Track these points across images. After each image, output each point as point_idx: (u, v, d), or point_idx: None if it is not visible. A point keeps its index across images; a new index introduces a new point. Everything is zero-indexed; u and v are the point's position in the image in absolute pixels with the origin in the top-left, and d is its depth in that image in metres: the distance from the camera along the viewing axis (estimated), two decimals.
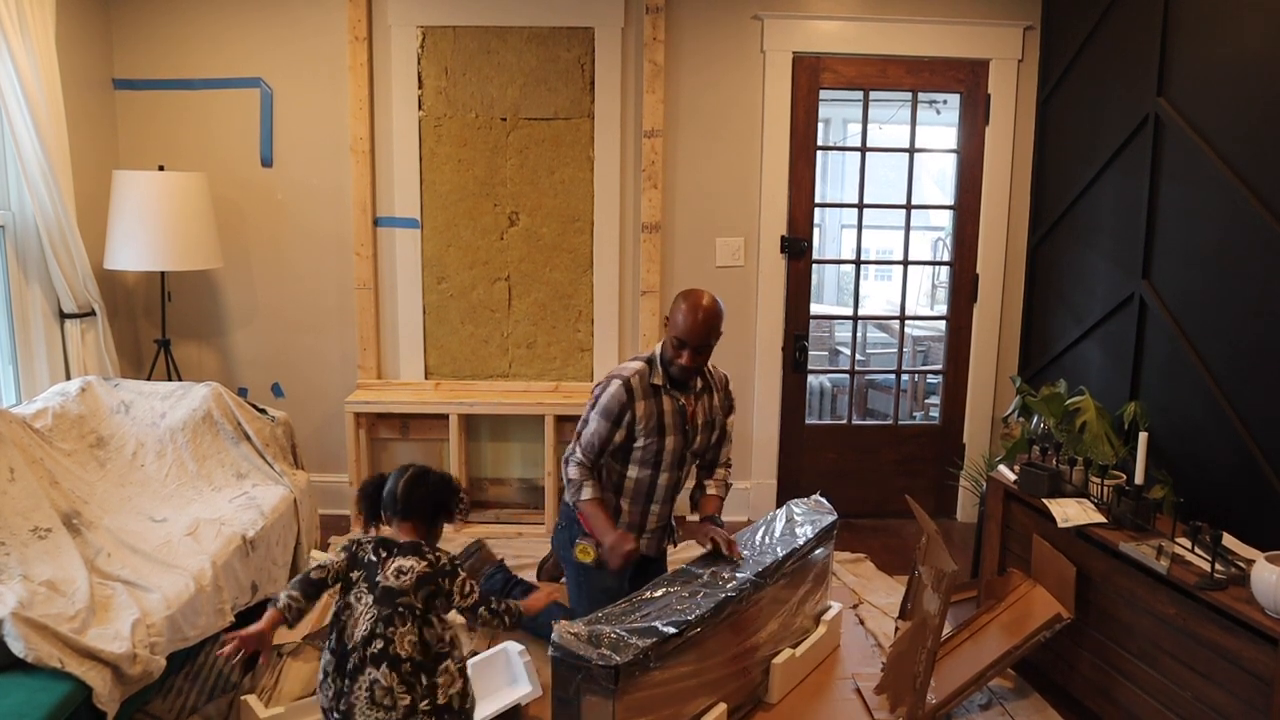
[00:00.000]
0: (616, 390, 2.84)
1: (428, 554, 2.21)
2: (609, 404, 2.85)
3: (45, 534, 2.72)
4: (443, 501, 2.30)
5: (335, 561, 2.24)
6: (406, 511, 2.25)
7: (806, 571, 3.05)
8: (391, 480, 2.29)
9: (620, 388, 2.84)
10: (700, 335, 2.80)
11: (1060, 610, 2.85)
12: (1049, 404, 3.36)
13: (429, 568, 2.18)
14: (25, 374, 3.64)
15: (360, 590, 2.17)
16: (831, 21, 4.26)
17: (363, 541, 2.26)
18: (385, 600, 2.13)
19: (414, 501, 2.26)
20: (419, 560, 2.19)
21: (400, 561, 2.18)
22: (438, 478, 2.31)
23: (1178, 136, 3.24)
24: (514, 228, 4.35)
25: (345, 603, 2.19)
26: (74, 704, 2.19)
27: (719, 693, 2.70)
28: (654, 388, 2.88)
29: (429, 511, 2.28)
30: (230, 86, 4.25)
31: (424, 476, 2.29)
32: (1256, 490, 2.84)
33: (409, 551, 2.21)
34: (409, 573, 2.16)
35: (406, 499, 2.25)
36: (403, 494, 2.25)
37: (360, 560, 2.22)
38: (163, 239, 3.82)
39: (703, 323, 2.79)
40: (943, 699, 2.80)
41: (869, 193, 4.54)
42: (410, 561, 2.18)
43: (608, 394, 2.85)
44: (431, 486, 2.29)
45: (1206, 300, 3.10)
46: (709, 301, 2.82)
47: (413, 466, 2.33)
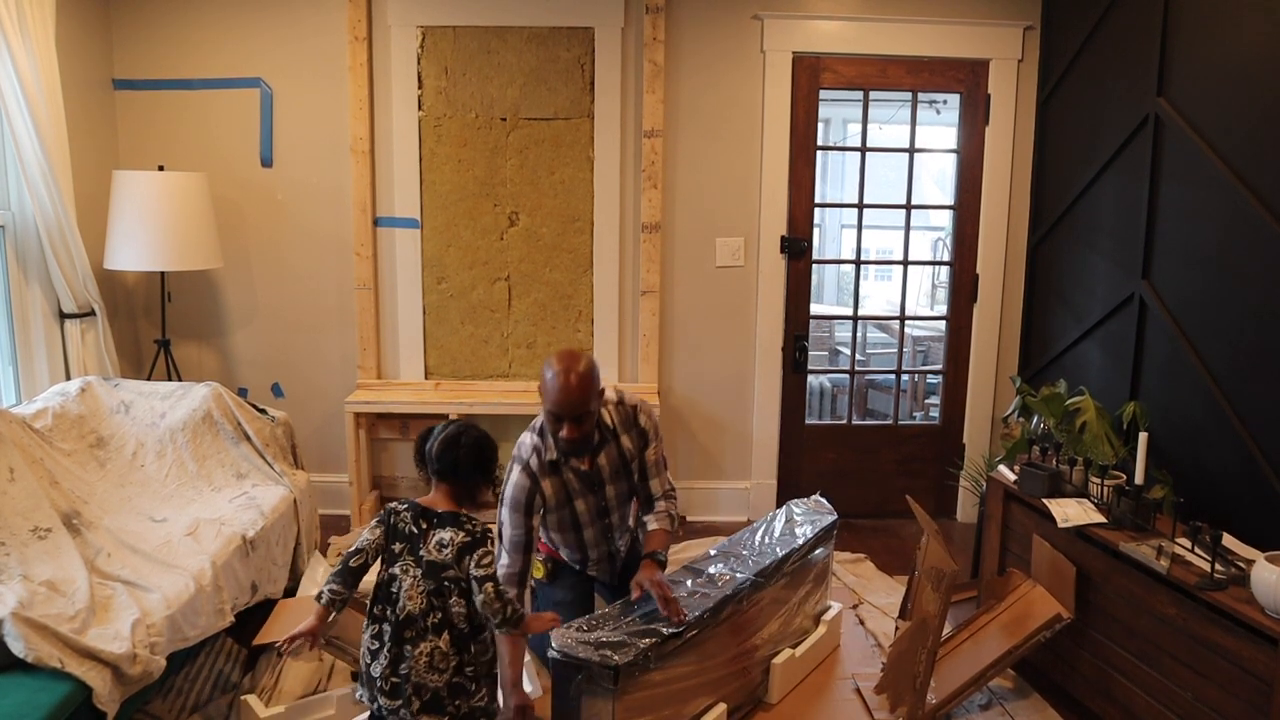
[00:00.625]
0: (519, 479, 2.65)
1: (465, 523, 2.20)
2: (516, 496, 2.65)
3: (45, 534, 2.72)
4: (479, 465, 2.25)
5: (371, 540, 2.24)
6: (441, 473, 2.24)
7: (806, 571, 3.05)
8: (431, 438, 2.27)
9: (522, 474, 2.66)
10: (575, 406, 2.55)
11: (1060, 610, 2.85)
12: (1049, 404, 3.36)
13: (468, 538, 2.18)
14: (25, 374, 3.64)
15: (406, 563, 2.18)
16: (831, 21, 4.26)
17: (399, 510, 2.25)
18: (431, 574, 2.16)
19: (447, 462, 2.22)
20: (458, 531, 2.19)
21: (440, 534, 2.18)
22: (471, 440, 2.25)
23: (1178, 137, 3.24)
24: (514, 228, 4.35)
25: (391, 574, 2.20)
26: (74, 704, 2.19)
27: (719, 693, 2.70)
28: (552, 464, 2.70)
29: (464, 474, 2.24)
30: (230, 86, 4.25)
31: (456, 439, 2.24)
32: (1256, 490, 2.84)
33: (448, 523, 2.20)
34: (449, 545, 2.17)
35: (440, 459, 2.23)
36: (437, 454, 2.23)
37: (400, 531, 2.22)
38: (163, 239, 3.82)
39: (576, 391, 2.54)
40: (943, 699, 2.80)
41: (869, 193, 4.54)
42: (449, 534, 2.18)
43: (511, 485, 2.66)
44: (464, 449, 2.24)
45: (1206, 300, 3.10)
46: (579, 367, 2.55)
47: (452, 424, 2.29)
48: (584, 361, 2.58)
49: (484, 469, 2.27)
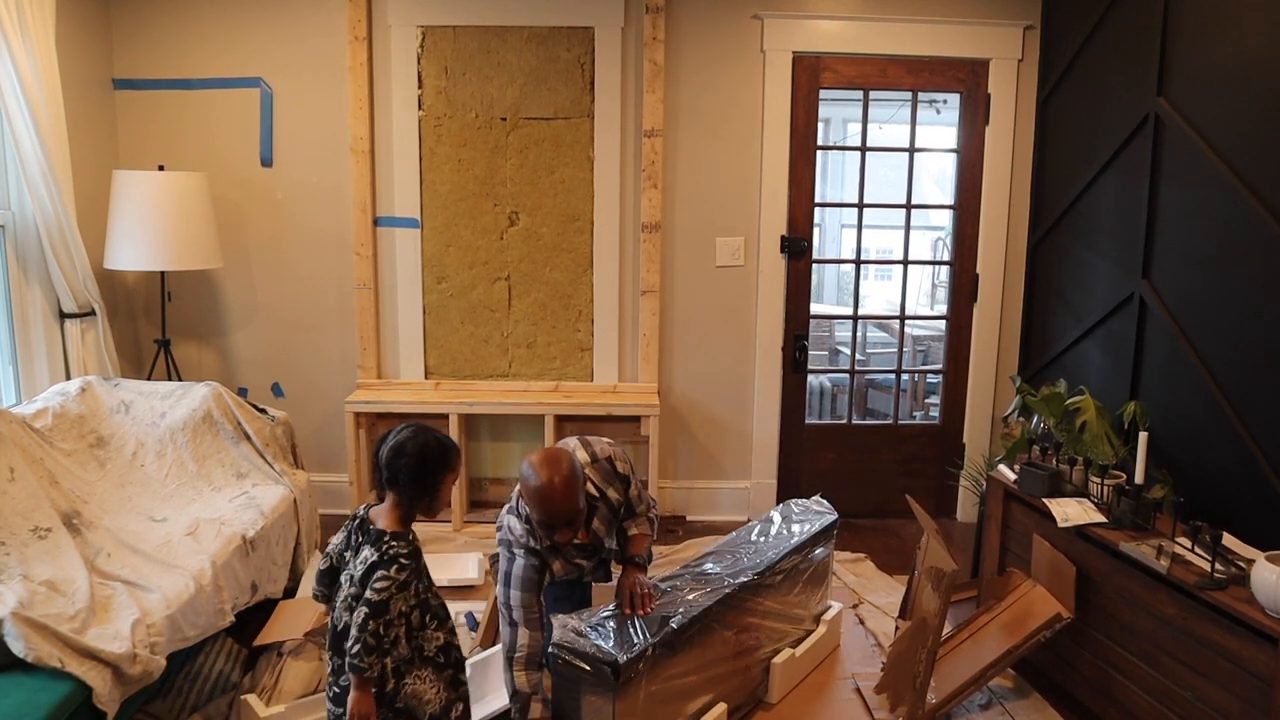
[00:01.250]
0: (527, 562, 2.50)
1: (383, 543, 2.11)
2: (527, 577, 2.49)
3: (45, 534, 2.72)
4: (420, 475, 2.11)
5: (335, 544, 2.28)
6: (389, 481, 2.14)
7: (806, 571, 3.05)
8: (384, 443, 2.17)
9: (527, 556, 2.51)
10: (566, 514, 2.41)
11: (1060, 610, 2.85)
12: (1049, 404, 3.36)
13: (377, 557, 2.10)
14: (25, 374, 3.64)
15: (347, 573, 2.21)
16: (831, 21, 4.26)
17: (356, 516, 2.24)
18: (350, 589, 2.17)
19: (392, 472, 2.12)
20: (374, 551, 2.11)
21: (364, 551, 2.14)
22: (416, 448, 2.12)
23: (1178, 136, 3.24)
24: (514, 227, 4.35)
25: (339, 582, 2.24)
26: (74, 704, 2.19)
27: (718, 691, 2.70)
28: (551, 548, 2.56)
29: (404, 484, 2.12)
30: (230, 86, 4.25)
31: (402, 447, 2.12)
32: (1256, 490, 2.84)
33: (371, 541, 2.14)
34: (364, 564, 2.12)
35: (388, 467, 2.13)
36: (385, 462, 2.14)
37: (351, 541, 2.23)
38: (163, 239, 3.82)
39: (564, 500, 2.39)
40: (943, 699, 2.80)
41: (869, 192, 4.54)
42: (368, 551, 2.13)
43: (520, 568, 2.50)
44: (407, 459, 2.11)
45: (1206, 300, 3.10)
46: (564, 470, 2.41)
47: (405, 429, 2.17)
48: (565, 463, 2.43)
49: (425, 480, 2.13)
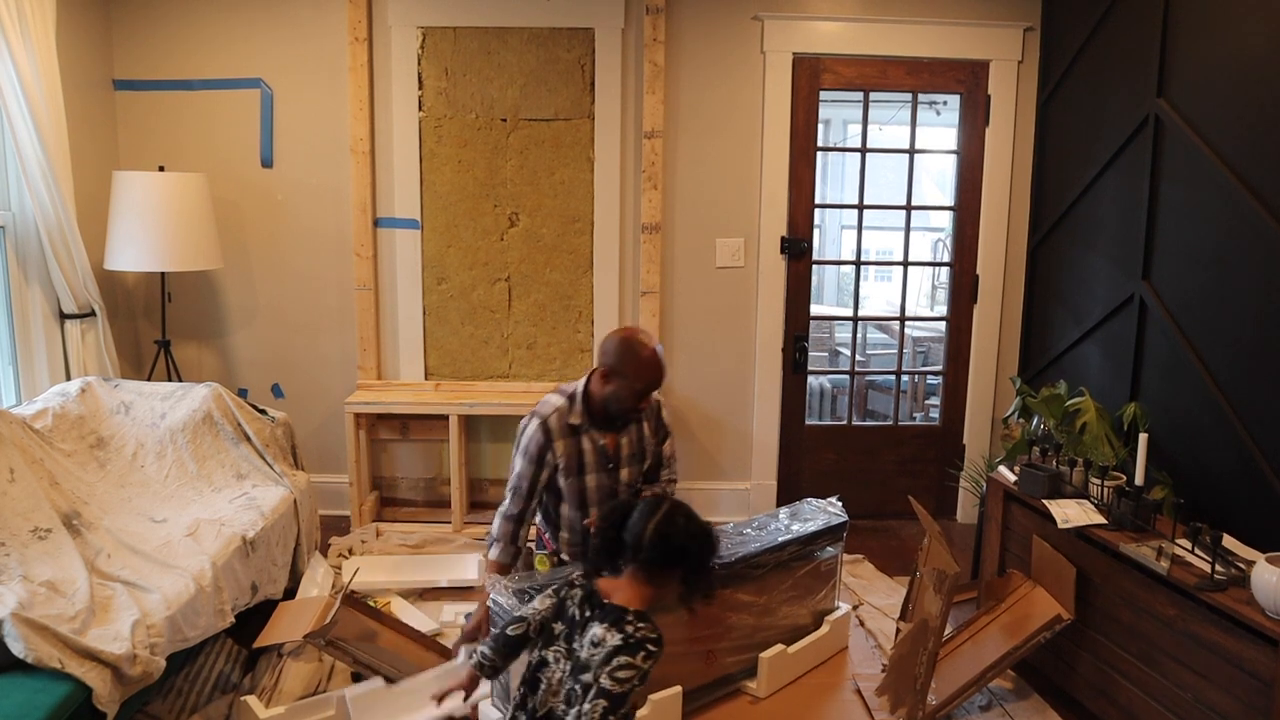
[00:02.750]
0: (534, 432, 2.76)
1: (628, 624, 1.86)
2: (528, 445, 2.77)
3: (45, 534, 2.72)
4: (697, 553, 1.93)
5: (539, 611, 1.98)
6: (650, 561, 1.91)
7: (801, 568, 3.05)
8: (639, 518, 1.94)
9: (538, 428, 2.76)
10: (657, 380, 2.73)
11: (1060, 611, 2.85)
12: (1049, 405, 3.36)
13: (621, 641, 1.83)
14: (25, 374, 3.64)
15: (560, 650, 1.93)
16: (831, 22, 4.26)
17: (574, 585, 1.98)
18: (574, 672, 1.89)
19: (658, 550, 1.91)
20: (615, 632, 1.85)
21: (596, 630, 1.87)
22: (687, 525, 1.94)
23: (1178, 137, 3.24)
24: (514, 228, 4.35)
25: (542, 659, 1.95)
26: (74, 705, 2.19)
27: (668, 670, 2.65)
28: (571, 427, 2.78)
29: (667, 564, 1.92)
30: (230, 87, 4.25)
31: (672, 518, 1.92)
32: (1256, 491, 2.84)
33: (608, 618, 1.88)
34: (600, 645, 1.85)
35: (654, 546, 1.90)
36: (651, 540, 1.90)
37: (565, 612, 1.95)
38: (163, 239, 3.82)
39: (661, 366, 2.73)
40: (943, 700, 2.80)
41: (869, 194, 4.54)
42: (605, 632, 1.86)
43: (526, 435, 2.78)
44: (681, 534, 1.92)
45: (1206, 301, 3.10)
46: (654, 343, 2.75)
47: (665, 502, 1.97)
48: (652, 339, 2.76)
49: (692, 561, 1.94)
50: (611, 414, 2.78)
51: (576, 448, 2.80)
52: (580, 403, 2.78)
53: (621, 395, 2.72)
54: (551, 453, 2.77)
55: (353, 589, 3.27)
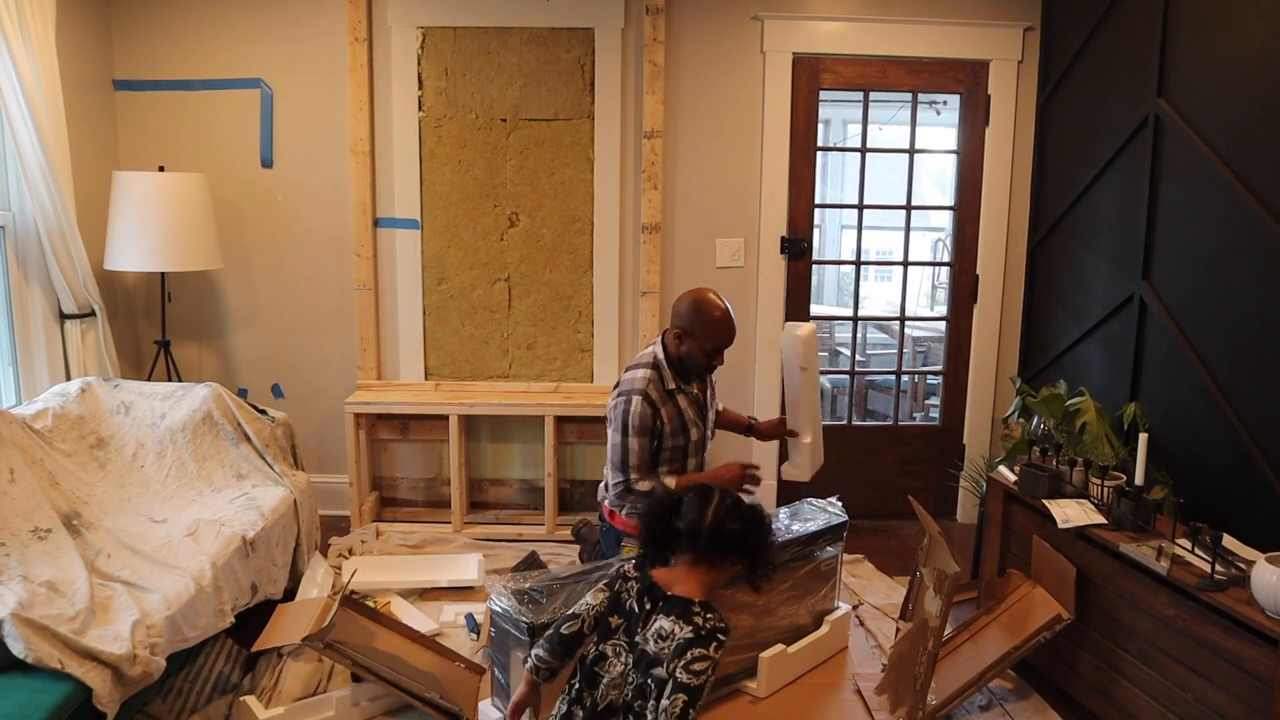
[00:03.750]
0: (640, 408, 2.86)
1: (695, 615, 1.84)
2: (639, 423, 2.86)
3: (45, 535, 2.72)
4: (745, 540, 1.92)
5: (593, 606, 1.94)
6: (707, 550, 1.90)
7: (800, 568, 3.05)
8: (694, 508, 1.92)
9: (643, 403, 2.86)
10: (728, 340, 2.93)
11: (1060, 611, 2.85)
12: (1049, 405, 3.36)
13: (692, 633, 1.82)
14: (25, 375, 3.64)
15: (619, 644, 1.91)
16: (831, 22, 4.26)
17: (629, 578, 1.95)
18: (641, 666, 1.86)
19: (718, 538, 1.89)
20: (683, 625, 1.83)
21: (662, 623, 1.85)
22: (741, 510, 1.93)
23: (1178, 137, 3.24)
24: (514, 228, 4.35)
25: (600, 653, 1.93)
26: (74, 705, 2.19)
27: None
28: (668, 392, 2.93)
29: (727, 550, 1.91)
30: (230, 87, 4.25)
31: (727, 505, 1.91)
32: (1257, 491, 2.84)
33: (674, 610, 1.86)
34: (669, 639, 1.82)
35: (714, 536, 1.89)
36: (710, 530, 1.89)
37: (623, 605, 1.92)
38: (163, 240, 3.82)
39: (729, 327, 2.91)
40: (943, 700, 2.80)
41: (869, 194, 4.54)
42: (672, 624, 1.84)
43: (634, 414, 2.86)
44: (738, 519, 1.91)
45: (1206, 301, 3.10)
46: (725, 302, 2.93)
47: (715, 491, 1.96)
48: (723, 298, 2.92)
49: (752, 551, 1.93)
50: (688, 370, 2.96)
51: (677, 408, 2.94)
52: (666, 366, 2.93)
53: (694, 354, 2.90)
54: (660, 420, 2.90)
55: (352, 589, 3.27)
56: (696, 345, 2.88)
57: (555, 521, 4.28)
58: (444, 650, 3.02)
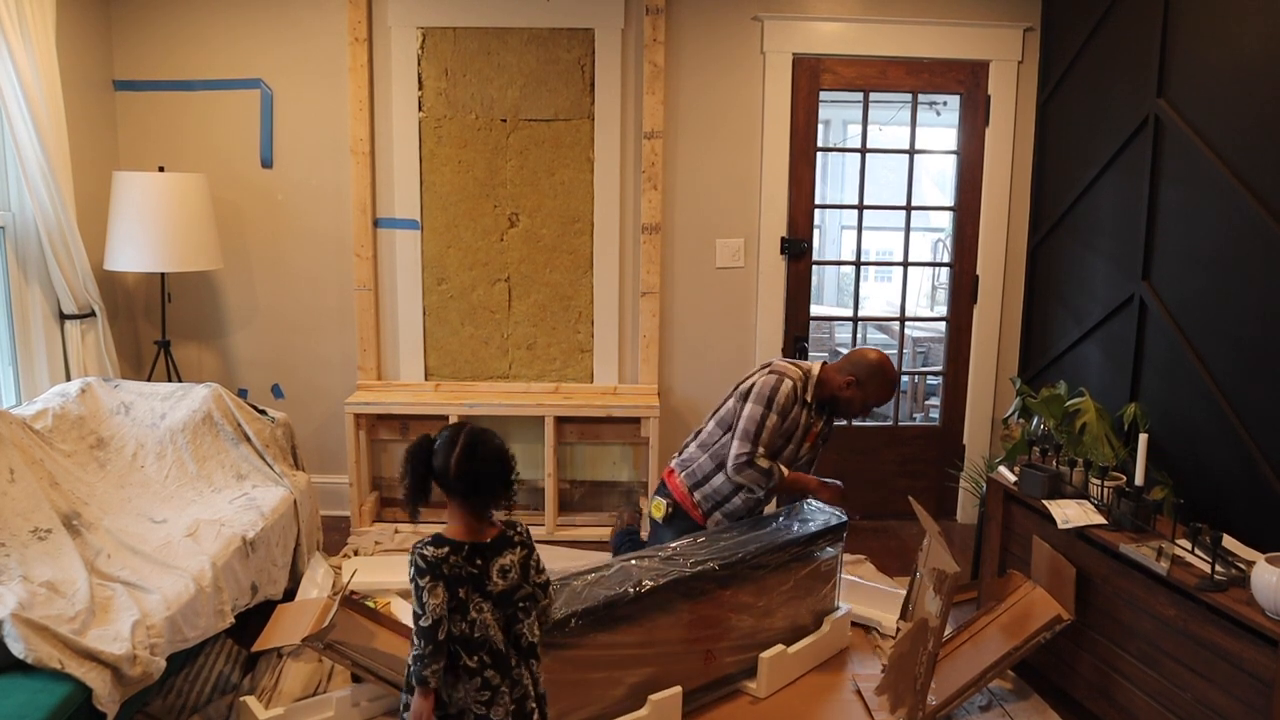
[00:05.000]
0: (789, 390, 3.11)
1: (513, 537, 2.09)
2: (783, 401, 3.10)
3: (45, 535, 2.72)
4: (504, 475, 2.08)
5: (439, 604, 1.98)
6: (465, 492, 2.03)
7: (800, 569, 3.05)
8: (441, 452, 2.04)
9: (793, 389, 3.12)
10: (885, 402, 3.29)
11: (1060, 611, 2.85)
12: (1049, 405, 3.36)
13: (524, 550, 2.09)
14: (25, 375, 3.64)
15: (478, 602, 2.03)
16: (831, 23, 4.26)
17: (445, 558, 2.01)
18: (503, 603, 2.04)
19: (470, 480, 2.02)
20: (513, 550, 2.07)
21: (500, 562, 2.05)
22: (493, 449, 2.06)
23: (1178, 138, 3.24)
24: (514, 229, 4.35)
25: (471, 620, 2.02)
26: (74, 705, 2.19)
27: (664, 669, 2.72)
28: (803, 401, 3.17)
29: (487, 489, 2.05)
30: (230, 88, 4.25)
31: (474, 450, 2.03)
32: (1257, 491, 2.84)
33: (501, 548, 2.06)
34: (512, 568, 2.06)
35: (463, 477, 2.01)
36: (461, 473, 2.01)
37: (461, 577, 2.02)
38: (163, 240, 3.82)
39: (891, 394, 3.27)
40: (943, 700, 2.80)
41: (869, 194, 4.54)
42: (508, 558, 2.06)
43: (781, 392, 3.10)
44: (484, 462, 2.04)
45: (1207, 301, 3.10)
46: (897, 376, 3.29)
47: (456, 432, 2.07)
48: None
49: (508, 474, 2.09)
50: (828, 408, 3.23)
51: (799, 417, 3.18)
52: (814, 386, 3.18)
53: (854, 402, 3.19)
54: (790, 416, 3.13)
55: (352, 589, 3.27)
56: (863, 397, 3.19)
57: (555, 522, 4.28)
58: None
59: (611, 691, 2.63)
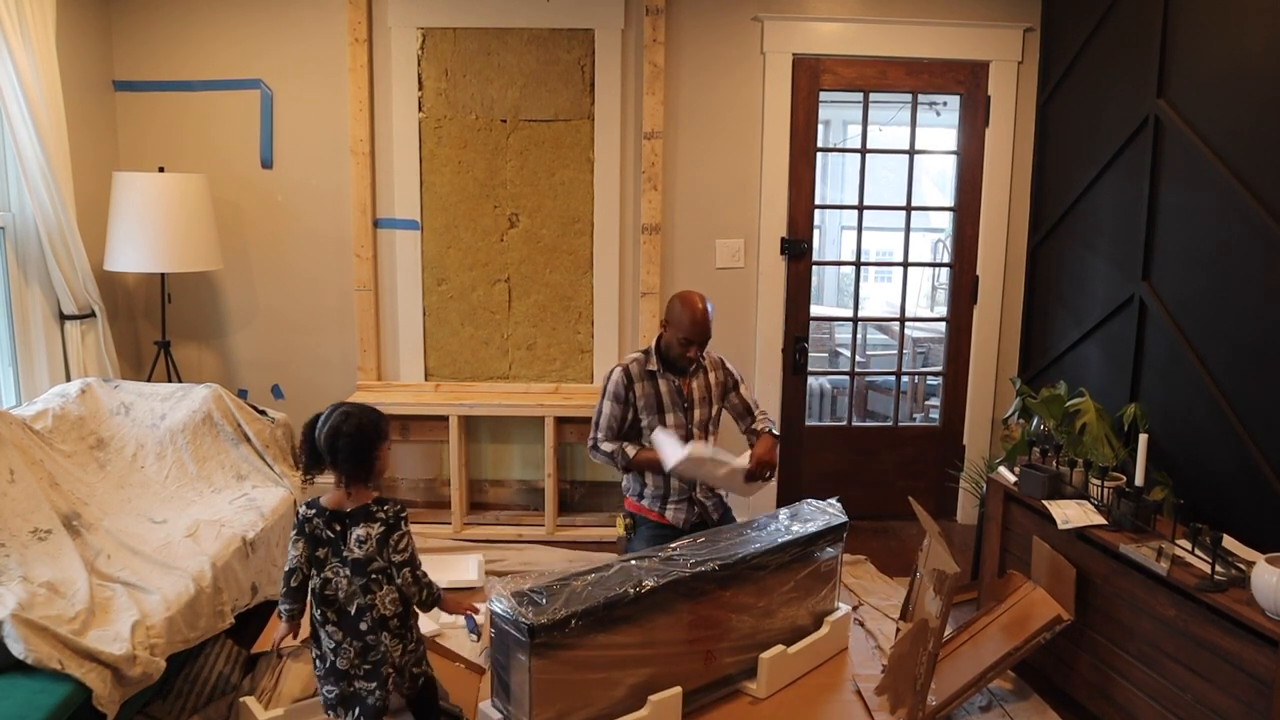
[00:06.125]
0: (618, 376, 3.27)
1: (377, 513, 2.29)
2: (613, 389, 3.27)
3: (45, 535, 2.72)
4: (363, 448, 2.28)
5: (298, 555, 2.32)
6: (334, 464, 2.29)
7: (800, 569, 3.05)
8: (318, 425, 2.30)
9: (620, 373, 3.27)
10: (703, 333, 3.22)
11: (1060, 612, 2.85)
12: (1049, 405, 3.36)
13: (383, 526, 2.28)
14: (25, 375, 3.64)
15: (334, 564, 2.30)
16: (831, 23, 4.26)
17: (310, 518, 2.31)
18: (358, 571, 2.27)
19: (337, 454, 2.27)
20: (371, 524, 2.28)
21: (357, 531, 2.27)
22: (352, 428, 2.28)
23: (1178, 138, 3.24)
24: (514, 229, 4.35)
25: (324, 578, 2.31)
26: (74, 706, 2.19)
27: (665, 670, 2.72)
28: (649, 373, 3.29)
29: (353, 461, 2.28)
30: (230, 88, 4.25)
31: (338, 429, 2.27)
32: (1256, 492, 2.84)
33: (360, 519, 2.28)
34: (368, 540, 2.27)
35: (330, 452, 2.27)
36: (325, 447, 2.28)
37: (320, 538, 2.30)
38: (163, 240, 3.82)
39: (704, 323, 3.21)
40: (943, 700, 2.80)
41: (869, 194, 4.54)
42: (364, 529, 2.27)
43: (611, 381, 3.28)
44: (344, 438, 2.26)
45: (1206, 301, 3.10)
46: (705, 304, 3.22)
47: (335, 410, 2.32)
48: (705, 301, 3.21)
49: (369, 451, 2.29)
50: (673, 359, 3.27)
51: (654, 389, 3.28)
52: (654, 352, 3.30)
53: (670, 343, 3.25)
54: (632, 393, 3.26)
55: None
56: (672, 335, 3.23)
57: (555, 522, 4.28)
58: (444, 651, 3.02)
59: (611, 692, 2.62)
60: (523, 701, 2.48)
